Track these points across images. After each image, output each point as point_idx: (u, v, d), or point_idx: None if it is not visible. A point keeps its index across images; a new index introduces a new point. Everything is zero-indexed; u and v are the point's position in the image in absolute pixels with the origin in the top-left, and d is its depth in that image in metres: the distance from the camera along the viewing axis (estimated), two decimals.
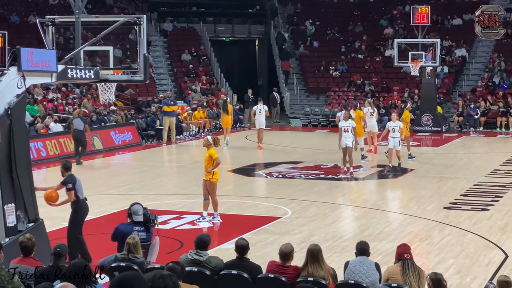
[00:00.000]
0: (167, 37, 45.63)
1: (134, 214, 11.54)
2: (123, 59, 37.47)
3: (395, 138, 23.77)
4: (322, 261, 9.57)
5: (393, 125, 24.03)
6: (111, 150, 29.52)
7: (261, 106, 30.73)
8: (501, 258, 13.76)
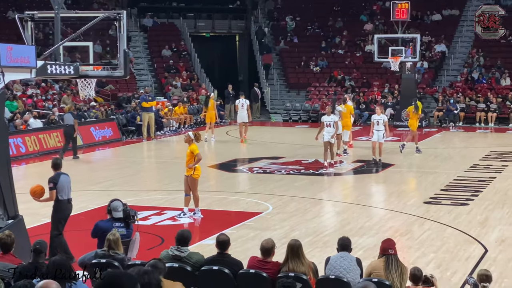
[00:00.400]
0: (147, 33, 45.50)
1: (114, 210, 11.49)
2: (103, 55, 37.36)
3: (379, 131, 24.02)
4: (302, 256, 9.58)
5: (377, 118, 24.30)
6: (91, 146, 29.39)
7: (243, 100, 30.97)
8: (481, 253, 13.84)
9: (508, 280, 12.21)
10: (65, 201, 13.20)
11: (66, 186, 13.18)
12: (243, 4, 50.14)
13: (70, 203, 13.33)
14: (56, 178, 13.12)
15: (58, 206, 13.20)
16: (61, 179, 13.12)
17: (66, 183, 13.20)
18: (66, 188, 13.18)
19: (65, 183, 13.17)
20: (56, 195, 13.10)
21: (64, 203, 13.21)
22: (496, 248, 14.15)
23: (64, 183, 13.14)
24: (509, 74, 39.78)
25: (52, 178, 13.15)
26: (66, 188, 13.19)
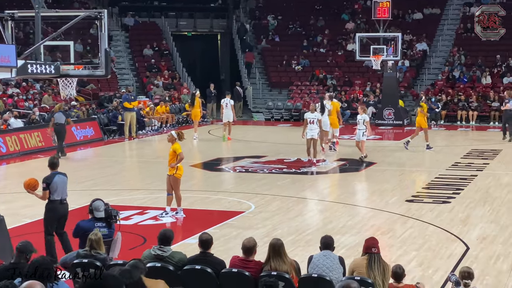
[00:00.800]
0: (128, 32, 45.38)
1: (96, 210, 11.45)
2: (84, 54, 37.24)
3: (361, 130, 24.45)
4: (284, 255, 9.59)
5: (359, 117, 24.75)
6: (73, 146, 29.26)
7: (227, 100, 31.16)
8: (462, 250, 13.90)
9: (489, 278, 12.27)
10: (57, 201, 13.06)
11: (60, 186, 13.02)
12: (224, 3, 50.12)
13: (63, 204, 13.16)
14: (50, 178, 13.01)
15: (50, 206, 13.10)
16: (55, 180, 12.97)
17: (61, 183, 13.04)
18: (60, 188, 13.03)
19: (59, 183, 13.01)
20: (49, 195, 12.99)
21: (56, 203, 13.07)
22: (477, 246, 14.22)
23: (58, 183, 12.98)
24: (489, 73, 39.96)
25: (45, 178, 13.05)
26: (60, 189, 13.04)
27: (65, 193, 13.16)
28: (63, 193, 13.12)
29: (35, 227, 15.96)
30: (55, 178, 13.01)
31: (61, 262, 10.42)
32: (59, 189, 13.02)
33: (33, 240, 9.51)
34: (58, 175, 13.12)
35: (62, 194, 13.10)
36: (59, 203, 13.10)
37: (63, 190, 13.12)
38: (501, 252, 13.79)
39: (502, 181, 21.18)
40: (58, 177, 13.09)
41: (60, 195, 13.07)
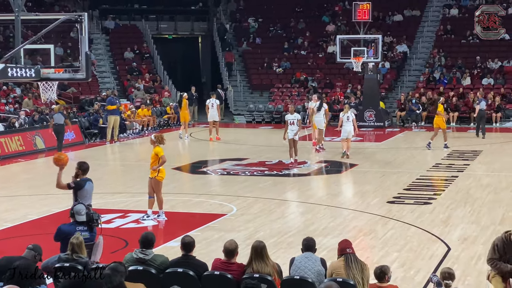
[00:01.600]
0: (109, 35, 45.26)
1: (77, 214, 11.41)
2: (65, 57, 37.07)
3: (348, 126, 25.29)
4: (266, 257, 9.61)
5: (347, 114, 25.54)
6: (54, 149, 29.12)
7: (213, 100, 31.76)
8: (444, 251, 13.96)
9: (471, 278, 12.34)
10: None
11: (89, 193, 12.95)
12: (205, 6, 50.09)
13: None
14: (81, 183, 12.95)
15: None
16: (86, 187, 12.92)
17: (90, 191, 12.96)
18: (88, 195, 12.93)
19: (89, 190, 12.94)
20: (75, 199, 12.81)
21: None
22: (459, 246, 14.29)
23: (88, 191, 12.91)
24: (469, 74, 40.18)
25: (77, 181, 13.00)
26: (89, 196, 12.94)
27: (91, 200, 13.06)
28: (90, 199, 13.01)
29: (16, 231, 15.92)
30: (86, 185, 12.95)
31: (43, 266, 10.37)
32: (88, 196, 12.91)
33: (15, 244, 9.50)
34: (89, 182, 13.04)
35: (89, 201, 12.96)
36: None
37: (90, 197, 13.03)
38: (482, 252, 13.85)
39: (482, 182, 21.29)
40: (89, 184, 13.01)
41: (87, 202, 12.87)
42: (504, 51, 41.32)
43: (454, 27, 43.67)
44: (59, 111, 28.00)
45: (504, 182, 21.43)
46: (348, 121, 25.40)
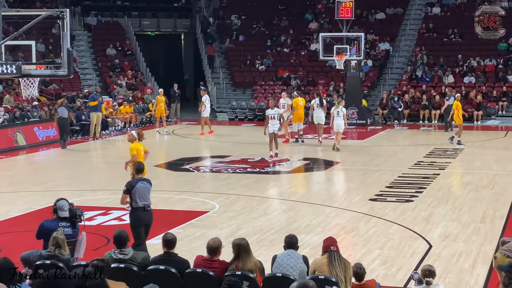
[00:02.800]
0: (91, 32, 45.10)
1: (60, 209, 11.36)
2: (46, 54, 36.90)
3: (340, 119, 26.30)
4: (249, 254, 9.61)
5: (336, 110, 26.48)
6: (35, 146, 29.03)
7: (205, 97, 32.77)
8: (425, 248, 14.01)
9: (452, 275, 12.39)
10: (140, 208, 12.85)
11: (141, 192, 12.85)
12: (188, 3, 50.00)
13: (146, 211, 12.92)
14: (133, 183, 12.90)
15: (133, 214, 12.91)
16: (137, 186, 12.84)
17: (142, 190, 12.86)
18: (141, 195, 12.84)
19: (141, 189, 12.85)
20: (131, 201, 12.85)
21: (139, 210, 12.87)
22: (440, 244, 14.34)
23: (140, 190, 12.82)
24: (451, 72, 40.33)
25: (129, 182, 12.95)
26: (142, 195, 12.85)
27: (148, 199, 12.96)
28: (146, 199, 12.93)
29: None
30: (138, 184, 12.87)
31: (23, 258, 10.32)
32: (140, 195, 12.84)
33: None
34: (142, 182, 12.99)
35: (145, 201, 12.90)
36: (142, 210, 12.90)
37: (146, 196, 12.93)
38: (463, 250, 13.93)
39: (464, 180, 21.40)
40: (141, 183, 12.94)
41: (143, 202, 12.88)
42: (485, 50, 41.52)
43: (436, 25, 43.84)
44: (62, 104, 28.88)
45: (485, 180, 21.54)
46: (338, 115, 26.24)
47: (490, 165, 24.21)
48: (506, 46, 41.39)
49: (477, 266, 12.90)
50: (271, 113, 25.14)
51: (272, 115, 25.06)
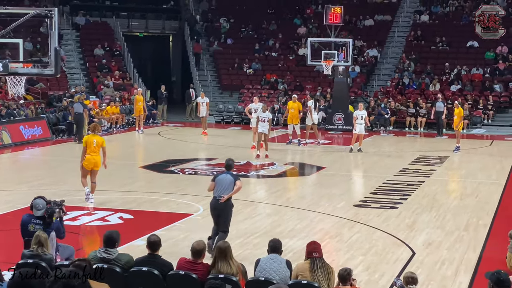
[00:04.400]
0: (79, 31, 44.98)
1: (35, 208, 11.31)
2: (34, 52, 36.79)
3: (361, 124, 27.62)
4: (230, 257, 9.60)
5: (360, 113, 27.86)
6: (20, 145, 28.94)
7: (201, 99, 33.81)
8: (408, 255, 14.04)
9: (434, 283, 12.42)
10: (214, 198, 13.84)
11: (219, 184, 13.75)
12: (177, 5, 49.97)
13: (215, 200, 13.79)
14: (216, 175, 14.04)
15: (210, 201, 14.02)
16: (219, 177, 13.86)
17: (220, 182, 13.75)
18: (218, 186, 13.74)
19: (220, 181, 13.76)
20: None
21: (213, 199, 13.88)
22: (423, 251, 14.38)
23: (218, 181, 13.77)
24: (438, 80, 40.47)
25: (216, 174, 14.35)
26: (218, 186, 13.73)
27: (223, 192, 13.67)
28: (221, 192, 13.69)
29: None
30: (220, 175, 13.93)
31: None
32: (217, 186, 13.76)
33: None
34: (225, 174, 13.96)
35: (219, 192, 13.72)
36: (214, 199, 13.85)
37: (223, 189, 13.69)
38: (446, 257, 13.97)
39: (448, 188, 21.47)
40: (223, 175, 13.92)
41: (217, 193, 13.75)
42: (473, 58, 41.71)
43: (424, 33, 43.99)
44: (78, 101, 30.73)
45: (469, 188, 21.62)
46: (361, 119, 27.73)
47: (475, 174, 24.30)
48: (493, 56, 41.58)
49: (459, 274, 12.94)
50: (262, 116, 25.86)
51: (262, 118, 25.80)
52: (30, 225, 10.89)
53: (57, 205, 11.38)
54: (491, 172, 24.34)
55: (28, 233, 11.06)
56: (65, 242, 11.78)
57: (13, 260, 10.75)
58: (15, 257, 10.84)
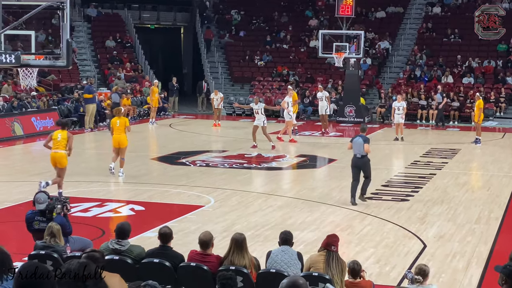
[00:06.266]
0: (91, 23, 45.00)
1: (36, 202, 11.33)
2: (46, 44, 36.87)
3: (399, 114, 29.22)
4: (245, 250, 9.62)
5: (398, 105, 29.58)
6: (32, 136, 29.02)
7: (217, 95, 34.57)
8: (420, 248, 14.03)
9: (445, 275, 12.40)
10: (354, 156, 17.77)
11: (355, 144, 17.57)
12: None
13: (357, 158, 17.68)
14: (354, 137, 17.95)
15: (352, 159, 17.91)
16: (354, 139, 17.69)
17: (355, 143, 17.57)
18: (355, 146, 17.58)
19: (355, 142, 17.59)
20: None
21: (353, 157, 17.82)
22: (434, 244, 14.36)
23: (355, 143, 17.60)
24: (450, 72, 40.32)
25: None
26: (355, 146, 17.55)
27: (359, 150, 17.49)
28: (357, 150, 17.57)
29: None
30: (355, 138, 17.73)
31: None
32: (354, 146, 17.63)
33: None
34: (358, 137, 17.66)
35: (356, 151, 17.61)
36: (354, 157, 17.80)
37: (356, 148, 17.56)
38: (457, 250, 13.95)
39: (460, 181, 21.41)
40: (357, 137, 17.64)
41: (355, 152, 17.67)
42: (485, 51, 41.54)
43: (436, 25, 43.83)
44: (116, 91, 32.71)
45: (481, 181, 21.57)
46: (399, 110, 29.30)
47: (487, 166, 24.23)
48: (506, 48, 41.39)
49: (471, 267, 12.92)
50: (256, 108, 26.68)
51: (256, 110, 26.66)
52: (35, 222, 10.95)
53: (59, 202, 11.35)
54: (503, 165, 24.26)
55: (34, 230, 11.14)
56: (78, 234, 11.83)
57: (25, 251, 10.79)
58: (27, 249, 10.89)
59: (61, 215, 11.24)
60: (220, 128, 33.30)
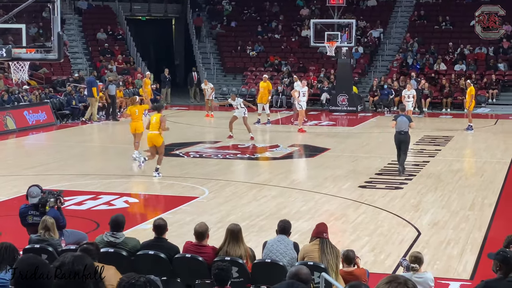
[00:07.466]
0: (82, 16, 44.84)
1: (29, 196, 11.31)
2: (37, 37, 36.74)
3: (409, 102, 29.89)
4: (241, 240, 9.63)
5: (408, 93, 30.28)
6: (25, 130, 28.96)
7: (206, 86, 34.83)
8: (414, 236, 14.06)
9: (440, 262, 12.44)
10: (397, 132, 19.63)
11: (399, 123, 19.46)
12: None
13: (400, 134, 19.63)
14: (397, 116, 19.98)
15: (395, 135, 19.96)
16: (398, 118, 19.64)
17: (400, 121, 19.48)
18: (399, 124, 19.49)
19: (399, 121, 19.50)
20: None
21: (396, 133, 19.70)
22: (429, 231, 14.40)
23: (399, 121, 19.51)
24: (442, 60, 40.34)
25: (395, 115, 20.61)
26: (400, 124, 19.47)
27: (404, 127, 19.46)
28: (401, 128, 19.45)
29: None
30: (399, 117, 19.67)
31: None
32: (398, 124, 19.46)
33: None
34: (402, 116, 19.74)
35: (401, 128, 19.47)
36: (398, 133, 19.63)
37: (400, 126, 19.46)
38: (451, 237, 13.99)
39: (453, 167, 21.45)
40: (401, 117, 19.66)
41: (399, 129, 19.50)
42: (476, 38, 41.54)
43: (428, 13, 43.81)
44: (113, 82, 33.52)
45: (474, 168, 21.62)
46: (408, 98, 30.01)
47: (479, 153, 24.29)
48: None
49: (465, 254, 12.96)
50: (234, 104, 26.83)
51: (235, 105, 26.77)
52: (28, 217, 10.95)
53: (52, 195, 11.32)
54: (496, 151, 24.32)
55: (28, 224, 11.14)
56: (72, 227, 11.83)
57: (19, 245, 10.77)
58: (21, 243, 10.88)
59: (55, 209, 11.22)
60: (213, 119, 33.26)
